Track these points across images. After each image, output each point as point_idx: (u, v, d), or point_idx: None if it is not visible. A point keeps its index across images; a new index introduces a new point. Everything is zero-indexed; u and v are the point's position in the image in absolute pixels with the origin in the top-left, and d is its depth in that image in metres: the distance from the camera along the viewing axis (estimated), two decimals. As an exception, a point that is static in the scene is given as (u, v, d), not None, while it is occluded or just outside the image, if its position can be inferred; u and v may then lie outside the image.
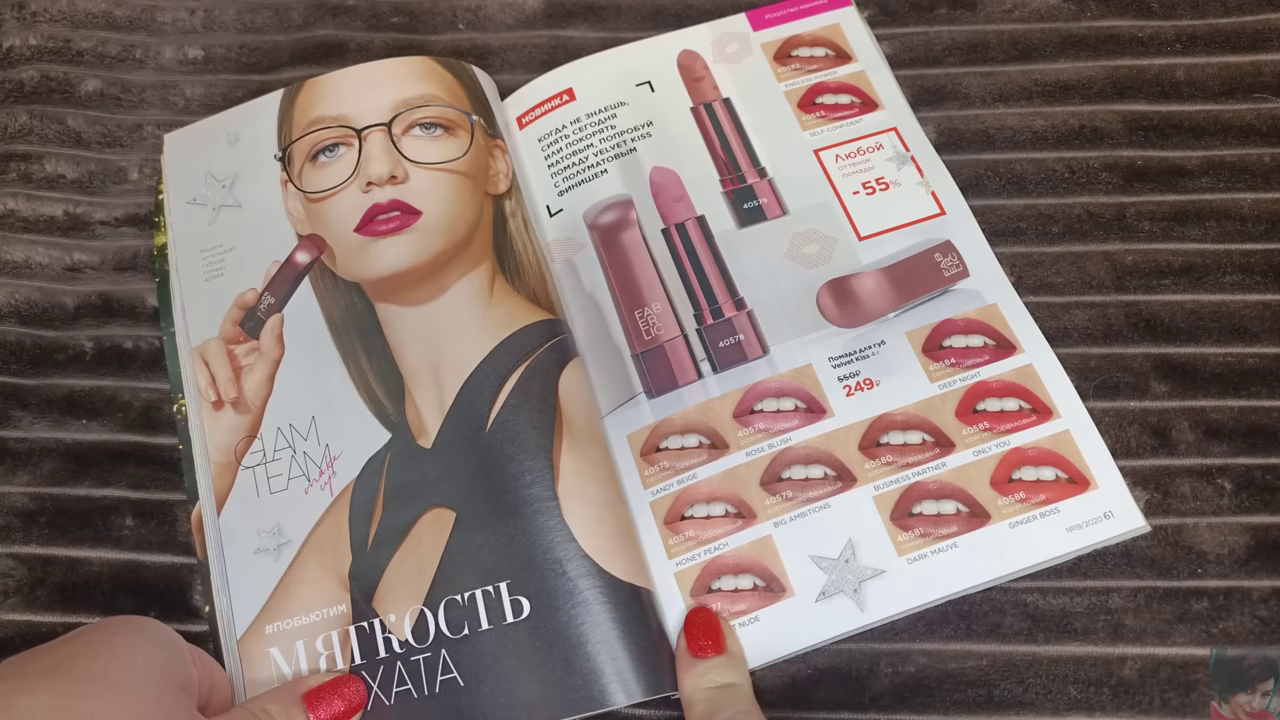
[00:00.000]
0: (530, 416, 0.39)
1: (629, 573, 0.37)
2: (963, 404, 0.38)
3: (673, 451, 0.39)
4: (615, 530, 0.37)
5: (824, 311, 0.40)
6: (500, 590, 0.36)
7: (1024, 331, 0.39)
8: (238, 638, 0.37)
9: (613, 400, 0.41)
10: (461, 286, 0.41)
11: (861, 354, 0.39)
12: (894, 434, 0.38)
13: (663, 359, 0.41)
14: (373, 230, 0.42)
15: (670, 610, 0.37)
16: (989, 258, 0.41)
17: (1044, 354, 0.39)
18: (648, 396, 0.40)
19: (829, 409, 0.39)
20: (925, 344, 0.39)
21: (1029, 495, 0.37)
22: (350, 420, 0.40)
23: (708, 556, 0.38)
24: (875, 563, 0.36)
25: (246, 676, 0.36)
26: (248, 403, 0.40)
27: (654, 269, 0.42)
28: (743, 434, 0.39)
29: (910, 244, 0.41)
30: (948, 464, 0.37)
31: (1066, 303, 0.40)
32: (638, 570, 0.37)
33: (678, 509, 0.38)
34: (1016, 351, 0.39)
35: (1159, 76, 0.43)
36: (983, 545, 0.36)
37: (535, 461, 0.38)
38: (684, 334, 0.41)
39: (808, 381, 0.39)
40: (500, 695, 0.35)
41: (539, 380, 0.40)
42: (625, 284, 0.42)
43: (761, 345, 0.40)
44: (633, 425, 0.40)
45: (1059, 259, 0.38)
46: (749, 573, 0.37)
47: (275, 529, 0.38)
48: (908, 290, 0.40)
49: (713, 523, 0.38)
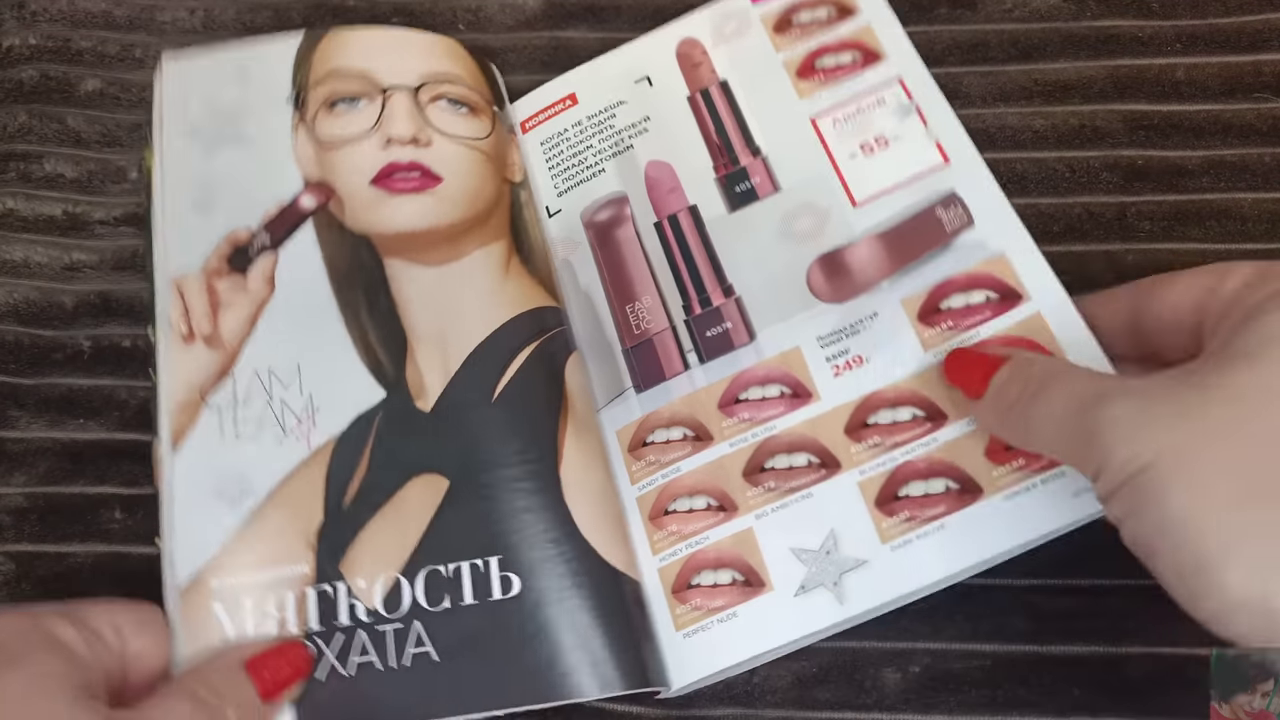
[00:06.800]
0: (538, 395, 0.38)
1: (623, 563, 0.36)
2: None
3: (659, 445, 0.38)
4: (612, 520, 0.37)
5: (814, 289, 0.39)
6: (490, 565, 0.35)
7: (1034, 278, 0.36)
8: (180, 587, 0.35)
9: (605, 395, 0.40)
10: (479, 256, 0.40)
11: (852, 330, 0.38)
12: (883, 412, 0.36)
13: (651, 352, 0.40)
14: (390, 185, 0.41)
15: (655, 607, 0.36)
16: (999, 202, 0.38)
17: (1055, 299, 0.35)
18: (636, 391, 0.40)
19: (815, 393, 0.37)
20: (921, 310, 0.37)
21: (1029, 462, 0.34)
22: (342, 374, 0.38)
23: (689, 551, 0.37)
24: (857, 552, 0.35)
25: (186, 633, 0.34)
26: (223, 340, 0.38)
27: (646, 263, 0.41)
28: (727, 424, 0.38)
29: (911, 202, 0.38)
30: (939, 439, 0.35)
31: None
32: (630, 562, 0.36)
33: (661, 504, 0.38)
34: (1023, 300, 0.36)
35: (1159, 76, 0.42)
36: (973, 524, 0.34)
37: (539, 439, 0.37)
38: (672, 326, 0.40)
39: (794, 365, 0.38)
40: (480, 674, 0.34)
41: (547, 361, 0.39)
42: (618, 280, 0.41)
43: (749, 331, 0.39)
44: (621, 421, 0.39)
45: (1060, 258, 0.37)
46: (728, 567, 0.36)
47: (239, 476, 0.36)
48: (905, 253, 0.38)
49: (694, 516, 0.37)
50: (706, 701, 0.36)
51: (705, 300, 0.40)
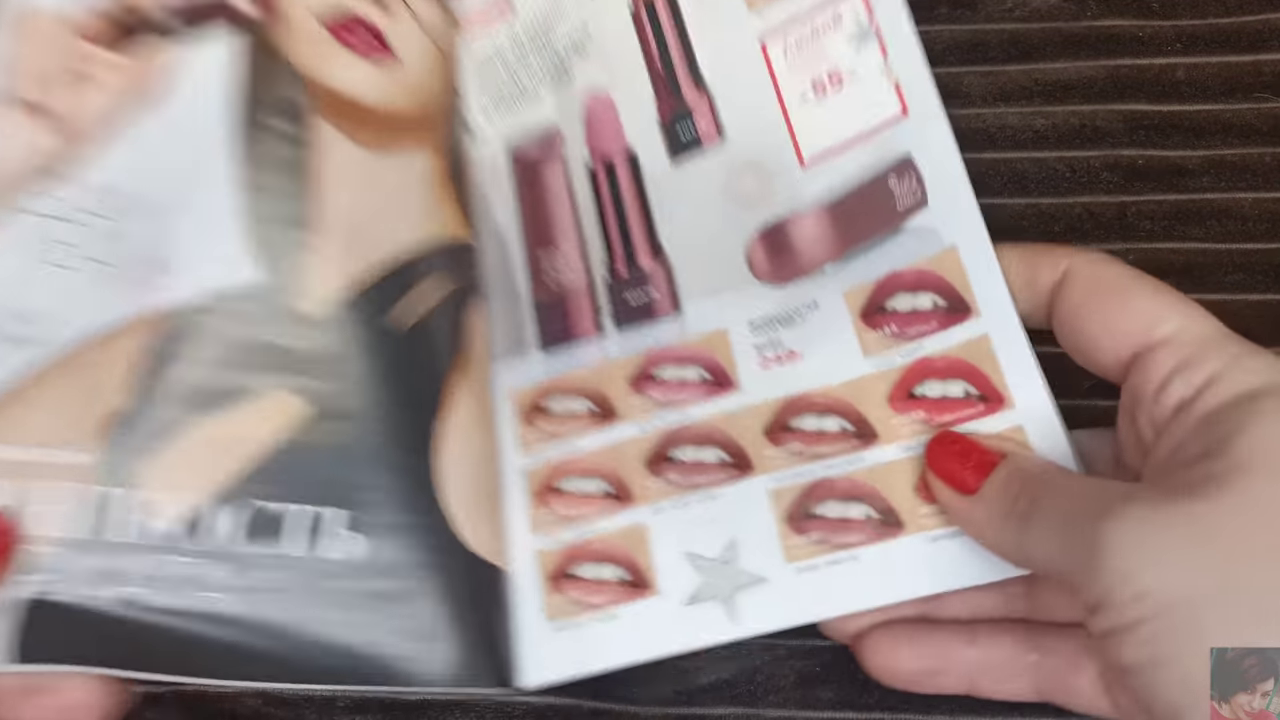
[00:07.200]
0: (436, 336, 0.33)
1: (485, 545, 0.32)
2: (899, 387, 0.32)
3: (557, 416, 0.34)
4: (483, 493, 0.33)
5: (754, 265, 0.34)
6: (333, 518, 0.30)
7: (983, 286, 0.31)
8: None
9: (504, 349, 0.36)
10: (417, 161, 0.35)
11: (788, 319, 0.33)
12: (808, 418, 0.32)
13: (561, 309, 0.36)
14: (341, 36, 0.34)
15: (524, 593, 0.32)
16: (954, 173, 0.33)
17: (1003, 319, 0.31)
18: (539, 350, 0.35)
19: (737, 383, 0.33)
20: (865, 307, 0.33)
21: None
22: (212, 232, 0.31)
23: (573, 538, 0.33)
24: (757, 568, 0.31)
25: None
26: (67, 124, 0.30)
27: (571, 209, 0.37)
28: (636, 403, 0.34)
29: (862, 165, 0.34)
30: (865, 459, 0.31)
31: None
32: (493, 544, 0.32)
33: (550, 480, 0.34)
34: (970, 315, 0.31)
35: (1159, 76, 0.42)
36: (888, 561, 0.30)
37: (424, 388, 0.32)
38: (591, 283, 0.36)
39: (719, 349, 0.34)
40: (286, 639, 0.29)
41: (456, 301, 0.34)
42: (538, 223, 0.37)
43: (674, 302, 0.35)
44: (519, 380, 0.35)
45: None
46: (614, 563, 0.32)
47: (32, 313, 0.29)
48: (854, 232, 0.33)
49: (585, 501, 0.33)
50: (706, 701, 0.34)
51: (631, 260, 0.36)
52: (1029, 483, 0.28)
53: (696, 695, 0.34)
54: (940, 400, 0.31)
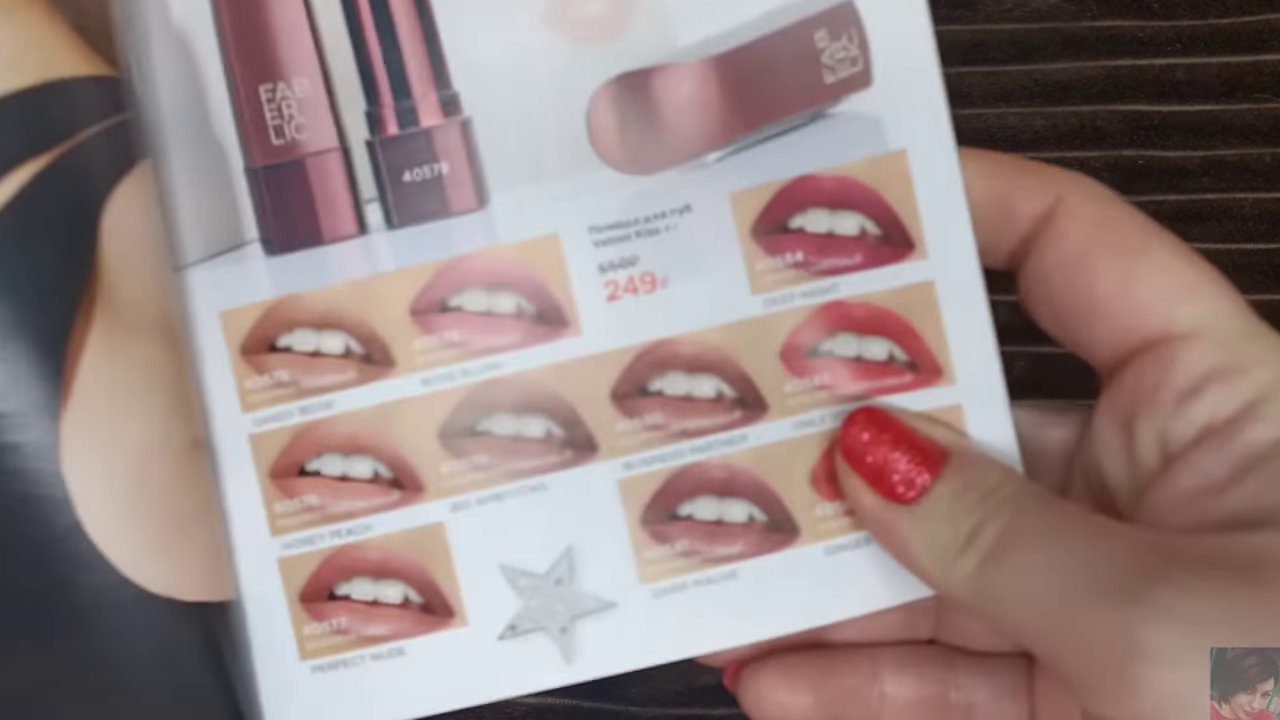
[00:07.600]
0: (35, 260, 0.21)
1: (182, 579, 0.21)
2: (797, 337, 0.23)
3: (300, 356, 0.23)
4: (166, 498, 0.22)
5: (598, 140, 0.23)
6: None
7: (936, 214, 0.23)
8: None
9: (202, 246, 0.23)
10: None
11: (648, 225, 0.24)
12: (674, 376, 0.23)
13: (301, 185, 0.24)
14: None
15: (264, 620, 0.23)
16: (918, 40, 0.24)
17: (958, 263, 0.23)
18: (266, 251, 0.24)
19: (573, 320, 0.23)
20: (759, 219, 0.23)
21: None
22: None
23: (337, 542, 0.23)
24: (602, 588, 0.23)
25: None
26: None
27: (308, 22, 0.24)
28: (422, 345, 0.23)
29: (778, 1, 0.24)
30: (750, 438, 0.23)
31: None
32: (201, 570, 0.22)
33: (295, 457, 0.23)
34: (911, 253, 0.23)
35: (1159, 76, 0.44)
36: (777, 579, 0.23)
37: (24, 353, 0.21)
38: (344, 147, 0.24)
39: (546, 266, 0.23)
40: None
41: (70, 192, 0.22)
42: (249, 35, 0.24)
43: (477, 190, 0.24)
44: (235, 298, 0.23)
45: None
46: (399, 578, 0.23)
47: None
48: (754, 104, 0.24)
49: (351, 488, 0.23)
50: (708, 701, 0.34)
51: (407, 111, 0.24)
52: (999, 505, 0.21)
53: (698, 695, 0.34)
54: (854, 362, 0.23)
